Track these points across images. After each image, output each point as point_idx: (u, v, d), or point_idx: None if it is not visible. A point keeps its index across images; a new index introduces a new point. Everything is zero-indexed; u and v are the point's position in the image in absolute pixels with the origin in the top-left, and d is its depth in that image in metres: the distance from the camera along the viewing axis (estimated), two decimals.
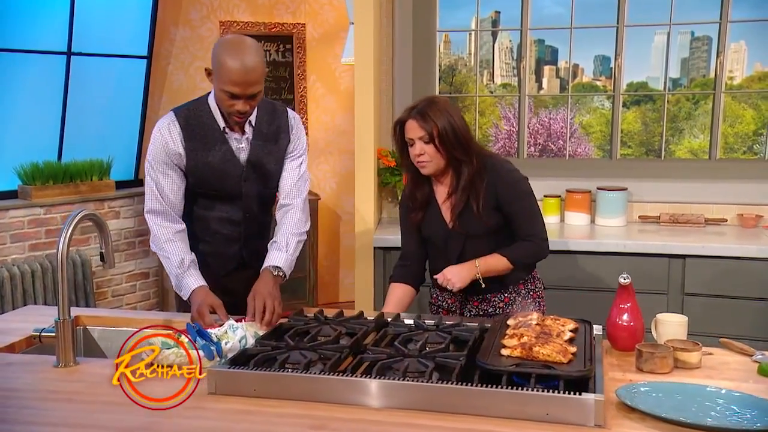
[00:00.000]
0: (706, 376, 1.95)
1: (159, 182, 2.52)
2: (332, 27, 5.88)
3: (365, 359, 1.92)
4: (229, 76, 2.32)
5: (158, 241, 2.50)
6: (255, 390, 1.82)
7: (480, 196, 2.53)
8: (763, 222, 4.03)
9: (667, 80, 4.45)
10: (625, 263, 3.62)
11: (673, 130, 4.60)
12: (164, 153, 2.49)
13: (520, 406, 1.67)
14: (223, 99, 2.38)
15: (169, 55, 5.63)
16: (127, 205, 5.26)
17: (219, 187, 2.56)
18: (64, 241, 1.99)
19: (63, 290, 2.00)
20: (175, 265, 2.46)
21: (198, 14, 5.68)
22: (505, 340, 1.94)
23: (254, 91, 2.37)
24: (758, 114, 4.46)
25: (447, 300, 2.70)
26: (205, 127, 2.50)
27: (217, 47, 2.39)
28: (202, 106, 2.52)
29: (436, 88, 4.45)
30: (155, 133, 2.52)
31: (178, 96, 5.63)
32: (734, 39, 4.27)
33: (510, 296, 2.65)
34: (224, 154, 2.52)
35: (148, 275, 5.46)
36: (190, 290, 2.44)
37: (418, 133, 2.49)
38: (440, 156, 2.51)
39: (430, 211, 2.66)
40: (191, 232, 2.61)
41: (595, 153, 4.67)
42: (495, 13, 4.81)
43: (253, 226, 2.66)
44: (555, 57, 4.84)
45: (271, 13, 5.83)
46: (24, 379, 1.96)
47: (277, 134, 2.61)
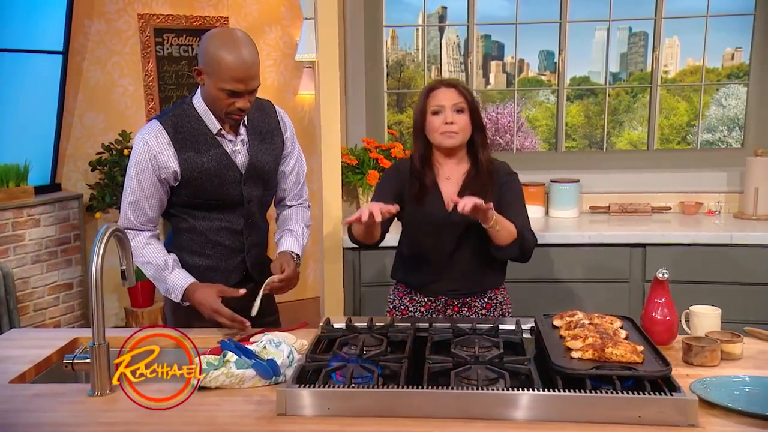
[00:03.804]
0: (754, 366, 2.01)
1: (140, 200, 2.36)
2: (257, 21, 5.72)
3: (433, 369, 1.86)
4: (229, 73, 2.19)
5: (136, 250, 2.34)
6: (329, 408, 1.73)
7: (492, 193, 2.46)
8: (703, 209, 4.24)
9: (608, 74, 4.61)
10: (587, 254, 3.73)
11: (614, 122, 4.77)
12: (152, 167, 2.31)
13: (611, 409, 1.67)
14: (220, 98, 2.24)
15: (84, 50, 5.29)
16: (48, 212, 4.91)
17: (217, 195, 2.39)
18: (97, 260, 1.82)
19: (98, 312, 1.83)
20: (160, 267, 2.35)
21: (114, 6, 5.36)
22: (568, 342, 1.93)
23: (255, 85, 2.26)
24: (691, 106, 4.70)
25: (420, 309, 2.57)
26: (196, 133, 2.33)
27: (208, 44, 2.23)
28: (189, 111, 2.35)
29: (383, 84, 4.40)
30: (139, 146, 2.31)
31: (95, 94, 5.33)
32: (668, 34, 4.46)
33: (491, 302, 2.59)
34: (219, 158, 2.36)
35: (72, 286, 5.12)
36: (182, 289, 2.34)
37: (454, 99, 2.42)
38: (468, 128, 2.45)
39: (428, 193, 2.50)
40: (187, 247, 2.44)
41: (541, 146, 4.77)
42: (441, 9, 4.81)
43: (256, 234, 2.52)
44: (501, 52, 4.90)
45: (191, 5, 5.59)
46: (62, 411, 1.77)
47: (271, 132, 2.49)
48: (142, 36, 5.41)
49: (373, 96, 4.39)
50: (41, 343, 2.24)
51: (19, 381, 1.99)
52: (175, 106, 2.40)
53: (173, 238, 2.49)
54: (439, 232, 2.48)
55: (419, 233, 2.53)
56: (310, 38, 3.96)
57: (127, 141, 5.13)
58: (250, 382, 1.89)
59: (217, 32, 2.27)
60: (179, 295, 2.34)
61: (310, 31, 3.97)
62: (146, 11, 5.43)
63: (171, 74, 5.54)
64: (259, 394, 1.86)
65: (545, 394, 1.69)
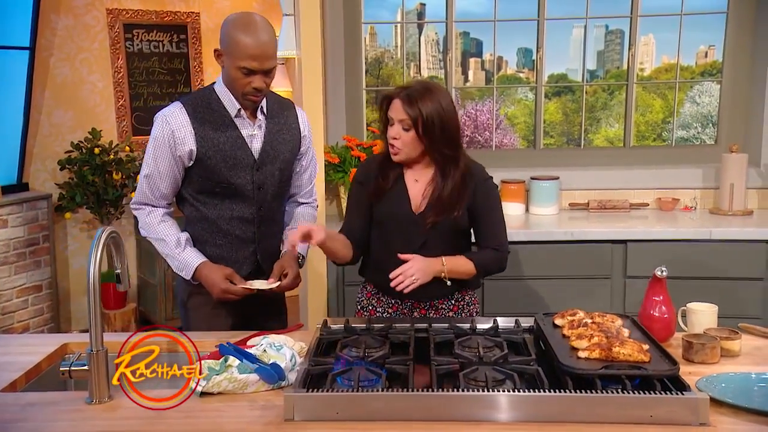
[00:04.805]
0: (752, 362, 2.03)
1: (155, 178, 2.41)
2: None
3: (440, 370, 1.85)
4: (245, 51, 2.26)
5: (150, 225, 2.46)
6: (338, 413, 1.69)
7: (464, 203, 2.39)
8: (679, 205, 4.29)
9: (585, 72, 4.63)
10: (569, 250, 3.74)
11: (591, 119, 4.80)
12: (169, 144, 2.36)
13: (622, 409, 1.66)
14: (238, 78, 2.31)
15: (51, 45, 5.17)
16: (16, 212, 4.78)
17: (230, 178, 2.40)
18: (94, 265, 1.76)
19: (95, 318, 1.77)
20: (173, 245, 2.42)
21: (82, 1, 5.24)
22: (573, 342, 1.92)
23: (271, 65, 2.32)
24: (666, 103, 4.74)
25: (388, 310, 2.52)
26: (215, 114, 2.40)
27: (227, 26, 2.32)
28: (209, 94, 2.43)
29: (362, 81, 4.37)
30: (159, 124, 2.38)
31: (63, 91, 5.20)
32: (644, 32, 4.50)
33: (458, 304, 2.52)
34: (235, 140, 2.40)
35: (41, 288, 5.00)
36: (193, 267, 2.41)
37: (400, 115, 2.30)
38: (417, 145, 2.33)
39: (395, 191, 2.43)
40: (199, 236, 2.47)
41: (520, 143, 4.78)
42: (420, 6, 4.78)
43: (268, 225, 2.53)
44: (480, 50, 4.89)
45: (161, 0, 5.48)
46: (62, 421, 1.71)
47: (289, 125, 2.54)
48: (111, 32, 5.30)
49: (353, 93, 4.35)
50: (29, 350, 2.17)
51: (11, 390, 1.92)
52: (196, 91, 2.52)
53: (186, 229, 2.51)
54: (404, 232, 2.41)
55: (385, 232, 2.47)
56: (290, 35, 3.90)
57: (98, 139, 5.02)
58: (253, 387, 1.85)
59: (236, 15, 2.37)
60: (190, 273, 2.42)
61: (290, 28, 3.91)
62: (115, 6, 5.32)
63: (141, 70, 5.43)
64: (263, 399, 1.82)
65: (556, 395, 1.69)
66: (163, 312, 5.12)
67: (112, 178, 4.98)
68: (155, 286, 5.14)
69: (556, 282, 3.77)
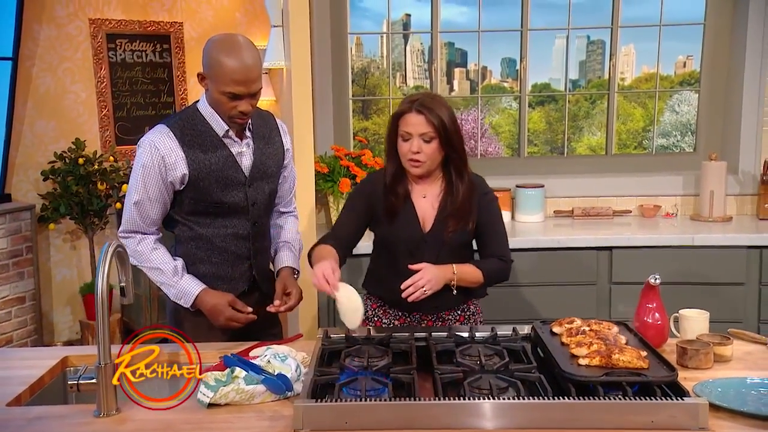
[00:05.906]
0: (744, 367, 2.08)
1: (145, 204, 2.34)
2: (212, 26, 5.63)
3: (444, 379, 1.88)
4: (230, 76, 2.22)
5: (142, 254, 2.37)
6: (347, 423, 1.72)
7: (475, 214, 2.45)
8: (661, 211, 4.37)
9: (568, 81, 4.71)
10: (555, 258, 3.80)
11: (574, 128, 4.87)
12: (159, 170, 2.30)
13: (624, 415, 1.71)
14: (223, 102, 2.27)
15: (34, 56, 5.12)
16: None
17: (223, 198, 2.38)
18: (102, 279, 1.77)
19: (103, 332, 1.79)
20: (170, 273, 2.36)
21: (64, 11, 5.20)
22: (573, 349, 1.97)
23: (257, 88, 2.29)
24: (646, 112, 4.83)
25: (395, 321, 2.54)
26: (202, 135, 2.35)
27: (210, 49, 2.27)
28: (194, 115, 2.37)
29: (349, 91, 4.40)
30: (147, 151, 2.31)
31: (46, 102, 5.17)
32: (624, 42, 4.58)
33: (464, 314, 2.57)
34: (226, 160, 2.37)
35: (24, 300, 4.95)
36: (193, 296, 2.35)
37: (420, 129, 2.31)
38: (437, 156, 2.37)
39: (403, 211, 2.45)
40: (193, 255, 2.43)
41: (504, 152, 4.84)
42: (405, 16, 4.83)
43: (261, 240, 2.53)
44: (465, 59, 4.94)
45: (145, 10, 5.47)
46: None
47: (273, 138, 2.52)
48: (93, 41, 5.27)
49: (340, 103, 4.38)
50: (30, 364, 2.18)
51: (15, 403, 1.92)
52: (179, 112, 2.45)
53: (177, 249, 2.47)
54: (414, 252, 2.42)
55: (394, 251, 2.48)
56: (278, 46, 3.92)
57: (81, 149, 4.99)
58: (260, 398, 1.87)
59: (219, 37, 2.31)
60: (190, 301, 2.36)
61: (278, 39, 3.93)
62: (98, 16, 5.29)
63: (125, 80, 5.41)
64: (270, 409, 1.84)
65: (561, 402, 1.72)
66: (148, 322, 5.09)
67: (96, 188, 4.95)
68: (140, 297, 5.12)
69: (543, 289, 3.82)
